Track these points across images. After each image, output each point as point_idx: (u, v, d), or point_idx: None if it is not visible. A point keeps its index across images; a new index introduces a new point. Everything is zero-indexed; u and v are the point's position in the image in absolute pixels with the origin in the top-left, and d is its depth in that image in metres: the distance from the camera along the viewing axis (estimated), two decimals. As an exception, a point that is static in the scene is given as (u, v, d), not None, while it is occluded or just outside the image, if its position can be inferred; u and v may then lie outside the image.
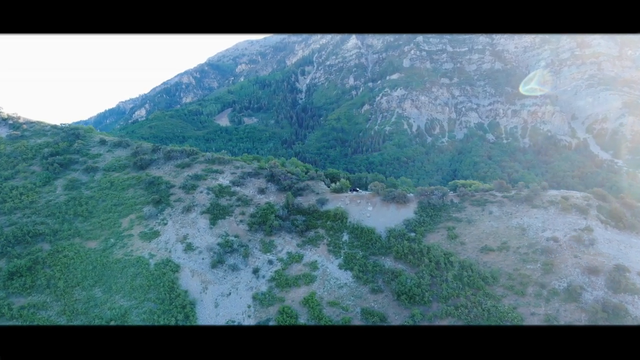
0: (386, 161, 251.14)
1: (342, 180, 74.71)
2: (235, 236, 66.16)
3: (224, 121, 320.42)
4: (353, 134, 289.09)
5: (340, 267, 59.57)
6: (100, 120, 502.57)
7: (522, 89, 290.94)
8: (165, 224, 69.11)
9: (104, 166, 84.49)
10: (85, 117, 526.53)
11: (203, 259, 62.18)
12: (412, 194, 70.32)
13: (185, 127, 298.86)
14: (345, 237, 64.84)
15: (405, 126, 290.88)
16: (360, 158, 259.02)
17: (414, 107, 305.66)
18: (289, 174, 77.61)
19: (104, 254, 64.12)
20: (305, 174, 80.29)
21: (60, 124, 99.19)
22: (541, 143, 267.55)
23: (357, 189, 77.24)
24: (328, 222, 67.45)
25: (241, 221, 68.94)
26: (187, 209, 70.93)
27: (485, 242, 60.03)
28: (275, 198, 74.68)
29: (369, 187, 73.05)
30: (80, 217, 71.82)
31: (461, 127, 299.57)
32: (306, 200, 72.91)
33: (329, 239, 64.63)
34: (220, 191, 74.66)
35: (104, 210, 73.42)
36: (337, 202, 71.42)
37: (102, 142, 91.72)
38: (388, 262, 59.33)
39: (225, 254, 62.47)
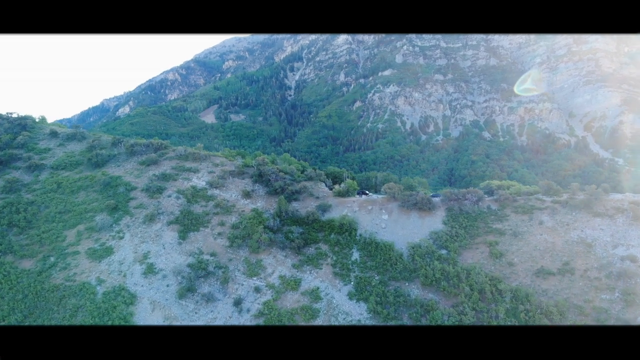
0: (380, 160, 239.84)
1: (348, 180, 59.82)
2: (212, 254, 50.95)
3: (209, 118, 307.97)
4: (344, 132, 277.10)
5: (350, 296, 44.73)
6: (84, 118, 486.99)
7: (517, 89, 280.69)
8: (122, 238, 53.70)
9: (52, 163, 68.44)
10: (68, 115, 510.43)
11: (168, 285, 46.91)
12: (437, 199, 55.68)
13: (169, 124, 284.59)
14: (356, 256, 49.95)
15: (399, 124, 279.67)
16: (353, 156, 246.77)
17: (407, 104, 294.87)
18: (281, 174, 62.50)
19: (39, 278, 48.94)
20: (302, 173, 65.20)
21: (6, 113, 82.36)
22: (539, 141, 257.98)
23: (367, 191, 62.31)
24: (332, 236, 52.47)
25: (220, 234, 53.68)
26: (150, 219, 55.56)
27: (541, 263, 45.77)
28: (264, 204, 59.47)
29: (382, 189, 58.21)
30: (16, 227, 56.24)
31: (456, 125, 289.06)
32: (303, 207, 57.87)
33: (335, 258, 49.72)
34: (194, 195, 59.27)
35: (47, 219, 57.76)
36: (343, 208, 56.51)
37: (53, 135, 75.53)
38: (414, 291, 44.59)
39: (197, 279, 47.25)
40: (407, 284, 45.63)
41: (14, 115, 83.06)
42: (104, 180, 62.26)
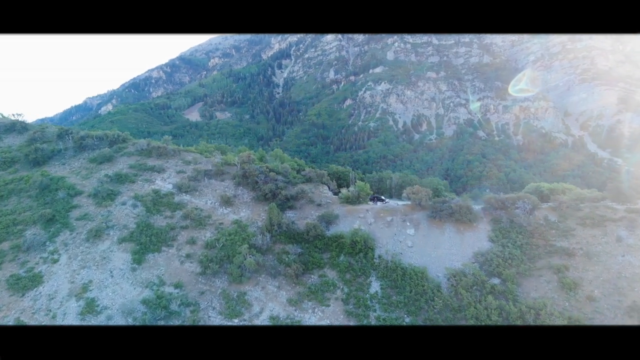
0: (372, 159, 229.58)
1: (359, 183, 46.05)
2: (177, 285, 37.07)
3: (194, 116, 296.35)
4: (335, 130, 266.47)
5: (372, 348, 30.98)
6: (66, 116, 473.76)
7: (512, 90, 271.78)
8: (56, 261, 39.60)
9: (-20, 161, 53.74)
10: (50, 114, 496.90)
11: (112, 333, 32.67)
12: (478, 207, 42.46)
13: (151, 122, 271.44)
14: (375, 287, 36.49)
15: (391, 122, 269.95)
16: (344, 156, 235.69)
17: (399, 102, 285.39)
18: (271, 174, 48.65)
19: None
20: (298, 173, 51.31)
21: None
22: (535, 140, 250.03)
23: (382, 197, 48.64)
24: (342, 258, 38.93)
25: (188, 256, 39.76)
26: (96, 234, 41.49)
27: (632, 296, 33.04)
28: (249, 213, 45.61)
29: (403, 194, 44.68)
30: None
31: (450, 124, 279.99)
32: (302, 217, 44.18)
33: (346, 290, 36.19)
34: (156, 202, 45.25)
35: (-40, 234, 43.20)
36: (354, 220, 42.98)
37: (-12, 127, 60.56)
38: (463, 339, 31.06)
39: (155, 322, 33.30)
40: (451, 329, 32.26)
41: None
42: (42, 182, 47.86)
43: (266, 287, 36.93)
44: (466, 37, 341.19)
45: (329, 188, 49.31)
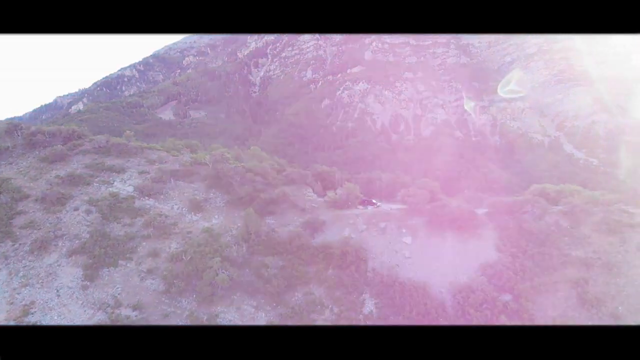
0: (350, 160, 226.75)
1: (348, 184, 40.92)
2: (136, 306, 31.26)
3: (167, 114, 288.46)
4: (313, 130, 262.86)
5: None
6: (36, 116, 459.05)
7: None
8: None
9: None
10: (20, 114, 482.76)
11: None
12: (482, 212, 37.89)
13: (123, 121, 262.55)
14: (370, 306, 31.46)
15: (369, 122, 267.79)
16: (323, 156, 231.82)
17: (377, 103, 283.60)
18: (249, 174, 43.04)
19: None
20: (279, 173, 45.79)
21: None
22: (513, 141, 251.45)
23: (373, 200, 43.59)
24: (330, 271, 33.76)
25: (150, 272, 33.95)
26: (42, 245, 35.35)
27: None
28: (222, 220, 39.94)
29: (397, 197, 39.83)
30: None
31: (427, 124, 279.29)
32: (283, 224, 38.78)
33: (337, 310, 31.04)
34: (113, 207, 39.18)
35: None
36: (343, 226, 37.86)
37: None
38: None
39: None
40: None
41: None
42: (-19, 185, 41.20)
43: (242, 307, 31.44)
44: (443, 38, 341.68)
45: (314, 190, 44.08)
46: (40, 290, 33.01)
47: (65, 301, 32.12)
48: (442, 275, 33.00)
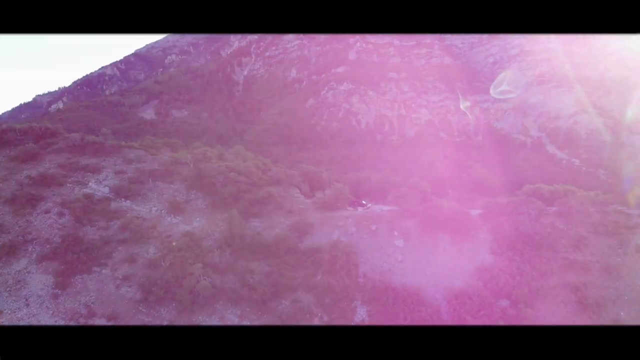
0: (335, 160, 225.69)
1: (337, 185, 39.20)
2: (111, 317, 29.10)
3: (149, 114, 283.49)
4: (298, 130, 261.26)
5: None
6: (15, 115, 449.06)
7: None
8: None
9: None
10: None
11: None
12: (475, 213, 36.52)
13: (103, 120, 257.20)
14: (362, 314, 29.77)
15: (354, 122, 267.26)
16: (307, 156, 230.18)
17: (362, 103, 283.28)
18: (232, 174, 40.95)
19: None
20: (264, 173, 43.76)
21: None
22: (496, 141, 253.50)
23: (363, 201, 41.82)
24: (319, 277, 31.96)
25: (126, 279, 31.71)
26: (10, 251, 32.99)
27: None
28: (204, 223, 37.83)
29: (389, 197, 38.22)
30: None
31: (411, 125, 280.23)
32: (270, 226, 36.85)
33: (327, 319, 29.33)
34: (88, 210, 36.78)
35: None
36: (332, 229, 36.11)
37: None
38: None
39: None
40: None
41: None
42: (-58, 186, 38.34)
43: (225, 316, 29.41)
44: (427, 39, 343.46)
45: (301, 191, 42.20)
46: (8, 299, 30.55)
47: (35, 311, 29.72)
48: (437, 280, 31.48)
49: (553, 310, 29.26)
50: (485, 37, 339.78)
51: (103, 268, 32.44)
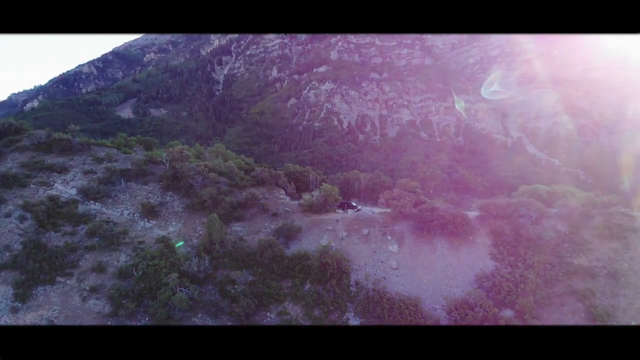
0: (317, 160, 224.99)
1: (326, 185, 36.68)
2: None
3: (126, 112, 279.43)
4: (279, 130, 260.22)
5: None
6: None
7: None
8: None
9: None
10: None
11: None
12: (473, 215, 34.42)
13: (80, 119, 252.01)
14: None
15: (336, 122, 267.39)
16: (289, 156, 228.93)
17: (343, 102, 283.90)
18: (212, 175, 38.09)
19: None
20: (247, 173, 40.98)
21: None
22: (476, 141, 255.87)
23: (353, 203, 39.39)
24: (308, 286, 29.41)
25: (94, 290, 28.58)
26: None
27: None
28: (181, 227, 34.85)
29: (380, 198, 35.89)
30: None
31: (393, 125, 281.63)
32: (253, 231, 34.12)
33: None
34: (52, 213, 33.43)
35: None
36: (321, 233, 33.58)
37: None
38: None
39: None
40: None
41: None
42: None
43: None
44: (408, 39, 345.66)
45: (287, 192, 39.55)
46: (-42, 314, 27.14)
47: (-14, 329, 26.39)
48: (435, 289, 29.25)
49: (560, 320, 27.30)
50: (465, 38, 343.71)
51: (68, 278, 29.19)
